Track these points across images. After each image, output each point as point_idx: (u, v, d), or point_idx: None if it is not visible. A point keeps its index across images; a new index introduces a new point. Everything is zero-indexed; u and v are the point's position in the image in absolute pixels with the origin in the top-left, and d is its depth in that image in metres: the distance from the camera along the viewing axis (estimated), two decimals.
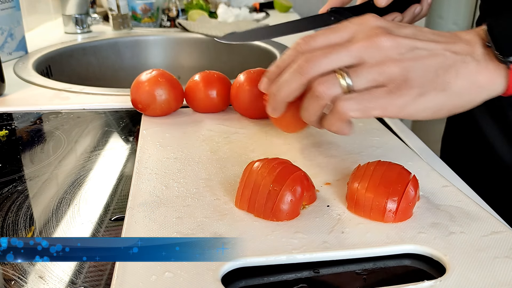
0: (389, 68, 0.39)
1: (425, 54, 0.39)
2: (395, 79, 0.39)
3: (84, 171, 0.49)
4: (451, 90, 0.39)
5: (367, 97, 0.39)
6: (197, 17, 1.34)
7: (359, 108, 0.39)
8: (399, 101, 0.38)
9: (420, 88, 0.39)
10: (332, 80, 0.39)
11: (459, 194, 0.41)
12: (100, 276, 0.34)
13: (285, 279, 0.33)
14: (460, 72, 0.39)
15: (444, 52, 0.39)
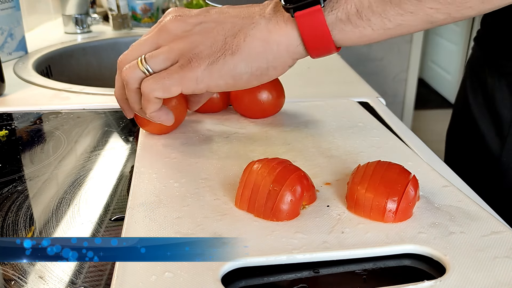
0: (176, 45, 0.41)
1: (212, 26, 0.41)
2: (185, 54, 0.41)
3: (84, 171, 0.49)
4: (241, 52, 0.39)
5: (163, 75, 0.41)
6: None
7: (159, 87, 0.41)
8: (192, 74, 0.40)
9: (210, 58, 0.40)
10: (133, 65, 0.43)
11: (459, 194, 0.41)
12: (100, 276, 0.34)
13: (285, 279, 0.33)
14: (249, 33, 0.39)
15: (232, 19, 0.41)
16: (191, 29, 0.42)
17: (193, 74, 0.40)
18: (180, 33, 0.42)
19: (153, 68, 0.42)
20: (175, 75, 0.41)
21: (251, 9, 0.41)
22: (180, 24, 0.42)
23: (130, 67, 0.43)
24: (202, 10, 0.43)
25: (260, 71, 0.40)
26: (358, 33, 0.38)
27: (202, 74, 0.40)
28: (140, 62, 0.43)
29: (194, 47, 0.41)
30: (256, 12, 0.40)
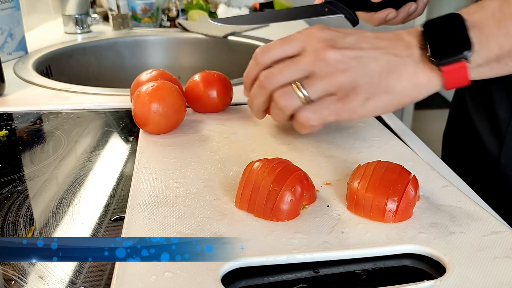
0: (337, 79, 0.43)
1: (368, 61, 0.43)
2: (343, 87, 0.43)
3: (84, 171, 0.49)
4: (395, 91, 0.43)
5: (321, 106, 0.44)
6: (197, 17, 1.34)
7: (316, 117, 0.45)
8: (349, 106, 0.44)
9: (367, 93, 0.43)
10: (290, 93, 0.45)
11: (459, 194, 0.41)
12: (100, 276, 0.34)
13: (285, 279, 0.33)
14: (402, 74, 0.43)
15: (385, 57, 0.43)
16: (348, 63, 0.43)
17: (350, 107, 0.44)
18: (337, 66, 0.43)
19: (311, 96, 0.44)
20: (333, 106, 0.44)
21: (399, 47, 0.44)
22: (338, 56, 0.43)
23: (288, 95, 0.45)
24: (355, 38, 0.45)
25: (402, 105, 0.45)
26: (493, 73, 0.43)
27: (358, 107, 0.44)
28: (297, 88, 0.45)
29: (352, 82, 0.43)
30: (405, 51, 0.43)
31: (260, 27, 1.27)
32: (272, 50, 0.47)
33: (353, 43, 0.44)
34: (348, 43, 0.44)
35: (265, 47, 0.48)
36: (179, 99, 0.54)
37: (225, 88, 0.60)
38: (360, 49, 0.44)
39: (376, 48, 0.44)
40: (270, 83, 0.46)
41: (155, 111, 0.52)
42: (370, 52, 0.44)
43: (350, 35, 0.45)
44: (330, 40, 0.44)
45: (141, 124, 0.54)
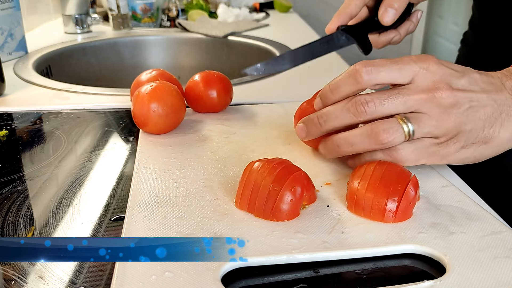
0: (446, 125, 0.40)
1: (478, 109, 0.40)
2: (447, 135, 0.40)
3: (84, 171, 0.49)
4: (493, 141, 0.41)
5: (421, 147, 0.41)
6: (197, 17, 1.34)
7: (414, 158, 0.41)
8: (444, 152, 0.41)
9: (466, 142, 0.41)
10: (395, 127, 0.40)
11: (459, 194, 0.41)
12: (100, 276, 0.34)
13: (285, 279, 0.33)
14: (505, 125, 0.40)
15: (492, 103, 0.40)
16: (460, 107, 0.40)
17: (445, 152, 0.41)
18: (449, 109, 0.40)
19: (417, 134, 0.40)
20: (430, 150, 0.41)
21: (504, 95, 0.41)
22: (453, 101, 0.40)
23: (390, 128, 0.40)
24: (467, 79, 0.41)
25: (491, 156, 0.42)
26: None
27: (451, 154, 0.41)
28: (403, 122, 0.40)
29: (458, 128, 0.40)
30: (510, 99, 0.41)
31: (260, 27, 1.27)
32: (381, 71, 0.41)
33: (466, 85, 0.41)
34: (462, 85, 0.41)
35: (371, 65, 0.41)
36: (178, 99, 0.54)
37: (225, 88, 0.60)
38: (472, 92, 0.41)
39: (485, 93, 0.41)
40: (369, 112, 0.41)
41: (154, 111, 0.52)
42: (480, 96, 0.41)
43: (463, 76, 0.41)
44: (446, 80, 0.41)
45: (140, 124, 0.54)
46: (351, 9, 0.52)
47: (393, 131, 0.40)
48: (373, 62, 0.41)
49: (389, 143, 0.40)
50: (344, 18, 0.53)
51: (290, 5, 1.58)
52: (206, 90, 0.59)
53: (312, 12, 2.23)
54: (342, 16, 0.53)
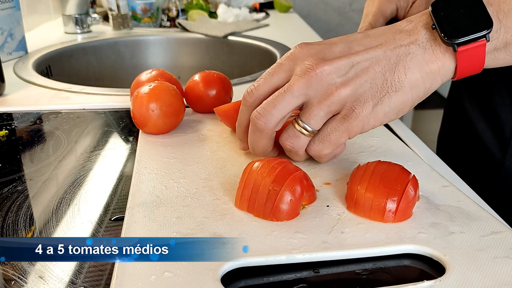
0: (336, 96, 0.39)
1: (366, 65, 0.39)
2: (346, 102, 0.39)
3: (84, 171, 0.49)
4: (404, 86, 0.39)
5: (327, 132, 0.40)
6: (197, 17, 1.34)
7: (328, 145, 0.41)
8: (358, 121, 0.39)
9: (373, 99, 0.39)
10: (292, 133, 0.42)
11: (459, 194, 0.41)
12: (100, 276, 0.34)
13: (285, 279, 0.33)
14: (408, 65, 0.38)
15: (384, 54, 0.39)
16: (345, 74, 0.39)
17: (359, 121, 0.39)
18: (334, 81, 0.39)
19: (315, 128, 0.41)
20: (341, 127, 0.40)
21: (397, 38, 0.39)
22: (331, 69, 0.39)
23: (291, 137, 0.42)
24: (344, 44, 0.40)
25: (417, 100, 0.40)
26: (508, 59, 0.39)
27: (367, 118, 0.39)
28: (297, 125, 0.41)
29: (354, 93, 0.39)
30: (407, 39, 0.39)
31: (260, 27, 1.27)
32: (259, 87, 0.43)
33: (343, 50, 0.40)
34: (338, 52, 0.40)
35: (251, 87, 0.43)
36: (178, 99, 0.54)
37: (225, 88, 0.60)
38: (354, 55, 0.39)
39: (371, 49, 0.39)
40: (267, 122, 0.41)
41: (153, 111, 0.52)
42: (365, 54, 0.39)
43: (337, 43, 0.41)
44: (317, 54, 0.40)
45: (140, 124, 0.54)
46: None
47: (293, 137, 0.42)
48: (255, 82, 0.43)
49: (297, 147, 0.42)
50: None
51: (290, 5, 1.58)
52: (206, 90, 0.59)
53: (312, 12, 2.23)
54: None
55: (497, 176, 0.59)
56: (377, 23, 0.53)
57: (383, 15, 0.53)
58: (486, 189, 0.50)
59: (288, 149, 0.43)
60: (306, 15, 2.12)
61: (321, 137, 0.41)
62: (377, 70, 0.39)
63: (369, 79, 0.39)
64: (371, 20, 0.53)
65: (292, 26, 1.38)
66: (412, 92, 0.39)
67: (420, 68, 0.38)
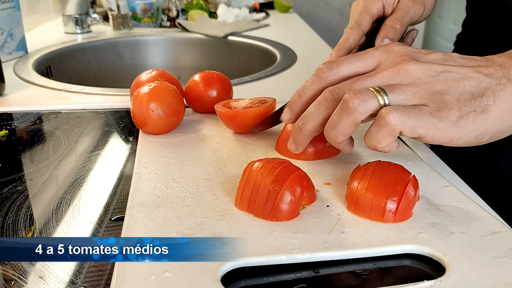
0: (423, 89, 0.37)
1: (457, 77, 0.38)
2: (434, 100, 0.37)
3: (84, 171, 0.49)
4: (491, 112, 0.37)
5: (415, 112, 0.36)
6: (197, 17, 1.34)
7: (410, 123, 0.36)
8: (442, 124, 0.36)
9: (460, 111, 0.37)
10: (367, 94, 0.37)
11: (459, 194, 0.41)
12: (100, 276, 0.34)
13: (285, 279, 0.33)
14: (498, 94, 0.37)
15: (477, 75, 0.38)
16: (435, 76, 0.38)
17: (443, 124, 0.36)
18: (423, 78, 0.38)
19: (392, 100, 0.37)
20: (426, 118, 0.36)
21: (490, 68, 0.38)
22: (422, 69, 0.38)
23: (364, 95, 0.37)
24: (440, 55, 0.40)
25: (499, 134, 0.38)
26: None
27: (450, 128, 0.36)
28: (376, 91, 0.37)
29: (442, 95, 0.37)
30: (499, 72, 0.38)
31: (260, 27, 1.27)
32: (341, 65, 0.41)
33: (438, 58, 0.39)
34: (432, 59, 0.39)
35: (332, 61, 0.41)
36: (178, 99, 0.54)
37: (225, 88, 0.60)
38: (447, 65, 0.38)
39: (464, 66, 0.38)
40: (341, 96, 0.38)
41: (153, 111, 0.52)
42: (458, 68, 0.38)
43: (434, 52, 0.40)
44: (412, 55, 0.39)
45: (140, 124, 0.54)
46: (350, 43, 0.52)
47: (366, 97, 0.37)
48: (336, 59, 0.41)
49: (361, 108, 0.37)
50: (344, 53, 0.52)
51: (290, 5, 1.58)
52: (206, 90, 0.59)
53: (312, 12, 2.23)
54: (342, 51, 0.52)
55: (493, 176, 0.59)
56: (363, 21, 0.53)
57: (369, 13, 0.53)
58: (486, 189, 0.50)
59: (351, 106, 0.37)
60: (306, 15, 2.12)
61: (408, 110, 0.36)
62: (466, 87, 0.37)
63: (458, 90, 0.37)
64: (357, 18, 0.53)
65: (292, 26, 1.38)
66: (497, 121, 0.37)
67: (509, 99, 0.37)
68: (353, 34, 0.52)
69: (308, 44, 1.09)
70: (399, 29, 0.52)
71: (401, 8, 0.52)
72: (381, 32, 0.52)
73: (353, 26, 0.53)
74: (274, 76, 0.82)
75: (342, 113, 0.38)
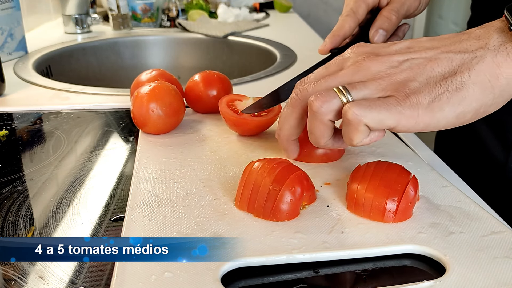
0: (386, 80, 0.36)
1: (422, 62, 0.37)
2: (399, 89, 0.36)
3: (84, 171, 0.49)
4: (467, 88, 0.35)
5: (378, 103, 0.35)
6: (197, 17, 1.34)
7: (374, 116, 0.35)
8: (412, 112, 0.35)
9: (430, 94, 0.35)
10: (329, 94, 0.37)
11: (459, 194, 0.41)
12: (100, 276, 0.34)
13: (285, 279, 0.33)
14: (474, 68, 0.35)
15: (445, 55, 0.36)
16: (397, 66, 0.37)
17: (414, 112, 0.35)
18: (385, 71, 0.37)
19: (355, 95, 0.36)
20: (393, 108, 0.35)
21: (464, 43, 0.36)
22: (383, 62, 0.37)
23: (325, 96, 0.37)
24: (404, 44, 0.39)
25: (484, 109, 0.36)
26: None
27: (423, 113, 0.35)
28: (338, 91, 0.37)
29: (407, 83, 0.36)
30: (473, 45, 0.36)
31: (260, 27, 1.27)
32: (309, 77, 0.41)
33: (401, 49, 0.38)
34: (394, 50, 0.38)
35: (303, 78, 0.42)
36: (178, 99, 0.54)
37: (225, 88, 0.60)
38: (410, 53, 0.37)
39: (431, 48, 0.37)
40: (304, 96, 0.39)
41: (153, 111, 0.52)
42: (423, 53, 0.37)
43: (399, 42, 0.39)
44: (372, 51, 0.39)
45: (140, 124, 0.54)
46: (345, 30, 0.52)
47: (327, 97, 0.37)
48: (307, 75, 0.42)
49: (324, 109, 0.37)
50: (338, 40, 0.52)
51: (290, 5, 1.58)
52: (206, 90, 0.59)
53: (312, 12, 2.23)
54: (336, 38, 0.52)
55: (499, 177, 0.59)
56: (359, 9, 0.52)
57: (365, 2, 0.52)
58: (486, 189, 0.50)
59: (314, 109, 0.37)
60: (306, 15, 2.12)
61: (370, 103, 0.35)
62: (435, 69, 0.36)
63: (425, 75, 0.36)
64: (353, 6, 0.52)
65: (292, 26, 1.38)
66: (475, 96, 0.35)
67: (488, 71, 0.35)
68: (348, 22, 0.52)
69: (308, 44, 1.09)
70: (394, 20, 0.51)
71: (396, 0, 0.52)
72: (376, 23, 0.51)
73: (348, 13, 0.52)
74: (274, 76, 0.82)
75: (311, 117, 0.38)
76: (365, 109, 0.35)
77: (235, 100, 0.55)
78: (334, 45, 0.53)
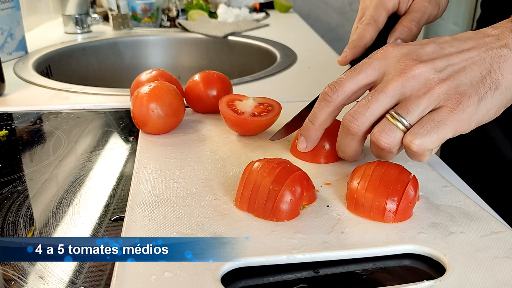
0: (436, 90, 0.38)
1: (462, 65, 0.39)
2: (451, 96, 0.38)
3: (84, 171, 0.49)
4: (502, 85, 0.38)
5: (433, 125, 0.38)
6: (197, 17, 1.34)
7: (433, 140, 0.38)
8: (465, 115, 0.37)
9: (477, 94, 0.38)
10: (389, 127, 0.39)
11: (459, 194, 0.41)
12: (100, 276, 0.34)
13: (285, 279, 0.33)
14: (503, 67, 0.38)
15: (478, 55, 0.39)
16: (442, 71, 0.39)
17: (466, 115, 0.38)
18: (432, 78, 0.38)
19: (412, 122, 0.39)
20: (448, 122, 0.37)
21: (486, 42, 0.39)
22: (428, 69, 0.39)
23: (385, 131, 0.39)
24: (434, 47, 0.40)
25: (507, 104, 0.39)
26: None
27: (474, 114, 0.38)
28: (392, 119, 0.39)
29: (455, 88, 0.38)
30: (497, 43, 0.39)
31: (260, 27, 1.27)
32: (344, 83, 0.42)
33: (436, 50, 0.40)
34: (431, 52, 0.40)
35: (334, 83, 0.42)
36: (178, 99, 0.54)
37: (225, 88, 0.60)
38: (449, 56, 0.39)
39: (463, 51, 0.39)
40: (361, 125, 0.40)
41: (153, 111, 0.52)
42: (460, 55, 0.39)
43: (427, 44, 0.41)
44: (411, 54, 0.40)
45: (140, 124, 0.54)
46: (366, 40, 0.51)
47: (389, 132, 0.39)
48: (337, 79, 0.42)
49: (393, 145, 0.39)
50: (359, 51, 0.51)
51: (290, 5, 1.58)
52: (206, 90, 0.59)
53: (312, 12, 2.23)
54: (358, 49, 0.51)
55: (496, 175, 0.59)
56: (379, 17, 0.51)
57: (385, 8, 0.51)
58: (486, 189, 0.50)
59: (382, 147, 0.40)
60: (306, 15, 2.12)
61: (425, 131, 0.38)
62: (474, 70, 0.38)
63: (468, 77, 0.38)
64: (373, 12, 0.51)
65: (292, 26, 1.38)
66: (507, 92, 0.38)
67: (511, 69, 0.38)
68: (369, 31, 0.51)
69: (308, 44, 1.09)
70: (415, 31, 0.51)
71: (418, 8, 0.51)
72: (395, 32, 0.51)
73: (369, 22, 0.51)
74: (274, 76, 0.82)
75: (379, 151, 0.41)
76: (425, 137, 0.38)
77: (235, 100, 0.55)
78: (355, 56, 0.51)
